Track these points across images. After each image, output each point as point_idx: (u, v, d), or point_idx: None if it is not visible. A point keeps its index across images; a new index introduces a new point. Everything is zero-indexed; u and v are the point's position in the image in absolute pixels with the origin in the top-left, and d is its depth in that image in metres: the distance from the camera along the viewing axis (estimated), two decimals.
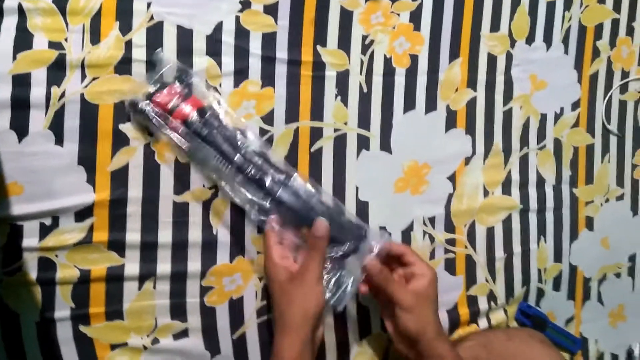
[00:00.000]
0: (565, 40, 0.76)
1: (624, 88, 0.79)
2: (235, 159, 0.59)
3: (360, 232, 0.61)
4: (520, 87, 0.73)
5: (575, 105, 0.76)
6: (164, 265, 0.60)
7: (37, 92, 0.56)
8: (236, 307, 0.63)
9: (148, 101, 0.58)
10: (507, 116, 0.73)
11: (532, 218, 0.74)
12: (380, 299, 0.61)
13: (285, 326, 0.54)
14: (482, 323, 0.71)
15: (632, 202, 0.80)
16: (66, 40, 0.57)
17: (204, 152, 0.59)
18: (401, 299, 0.56)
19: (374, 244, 0.59)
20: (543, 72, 0.75)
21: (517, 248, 0.73)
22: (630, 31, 0.79)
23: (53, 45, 0.57)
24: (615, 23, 0.78)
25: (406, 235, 0.68)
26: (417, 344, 0.56)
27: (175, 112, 0.58)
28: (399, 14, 0.68)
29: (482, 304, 0.71)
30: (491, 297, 0.72)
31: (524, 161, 0.74)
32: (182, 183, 0.60)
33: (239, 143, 0.59)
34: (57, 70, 0.57)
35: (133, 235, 0.59)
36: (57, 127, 0.57)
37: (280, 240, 0.59)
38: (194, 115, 0.58)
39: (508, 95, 0.73)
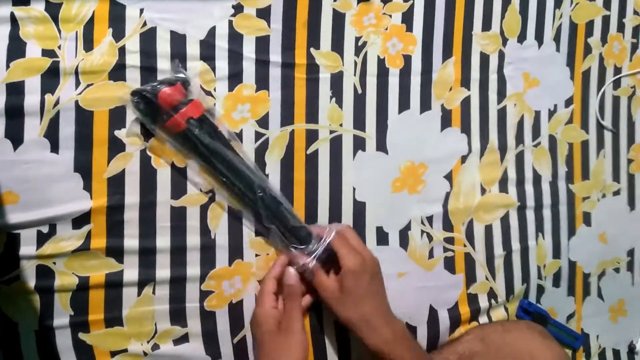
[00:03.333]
0: (557, 38, 0.76)
1: (616, 84, 0.79)
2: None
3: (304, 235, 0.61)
4: (513, 85, 0.74)
5: (569, 102, 0.77)
6: (162, 271, 0.60)
7: (31, 100, 0.56)
8: (236, 311, 0.62)
9: (153, 92, 0.57)
10: (502, 114, 0.73)
11: (530, 215, 0.74)
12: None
13: None
14: (483, 321, 0.71)
15: (629, 197, 0.80)
16: (59, 47, 0.57)
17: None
18: (323, 284, 0.59)
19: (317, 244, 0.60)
20: (535, 70, 0.75)
21: (515, 245, 0.73)
22: (621, 27, 0.80)
23: (46, 53, 0.57)
24: (605, 20, 0.79)
25: (404, 234, 0.68)
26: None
27: (180, 111, 0.57)
28: (390, 15, 0.69)
29: (483, 302, 0.71)
30: (491, 294, 0.72)
31: (519, 158, 0.74)
32: (179, 188, 0.60)
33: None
34: (51, 78, 0.57)
35: (131, 241, 0.59)
36: (52, 134, 0.57)
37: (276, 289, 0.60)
38: (196, 116, 0.58)
39: (502, 94, 0.73)
